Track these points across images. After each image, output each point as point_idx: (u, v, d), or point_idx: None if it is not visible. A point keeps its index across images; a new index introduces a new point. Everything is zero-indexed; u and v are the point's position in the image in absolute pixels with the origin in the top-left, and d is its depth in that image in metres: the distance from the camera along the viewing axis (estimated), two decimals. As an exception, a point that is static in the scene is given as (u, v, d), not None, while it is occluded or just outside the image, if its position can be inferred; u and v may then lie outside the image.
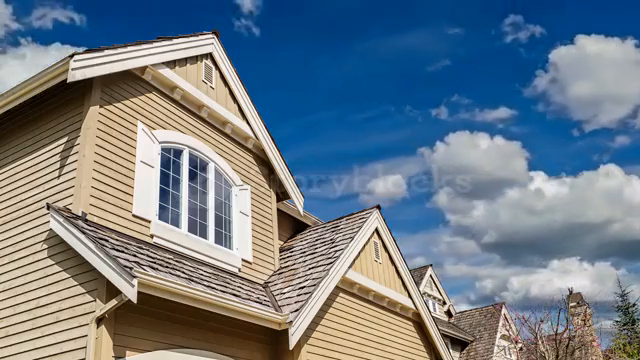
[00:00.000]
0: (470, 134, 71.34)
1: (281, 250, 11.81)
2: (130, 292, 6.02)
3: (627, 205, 66.26)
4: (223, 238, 9.70)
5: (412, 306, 12.65)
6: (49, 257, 7.13)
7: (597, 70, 69.59)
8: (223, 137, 10.40)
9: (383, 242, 12.31)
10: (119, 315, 6.43)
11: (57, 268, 6.97)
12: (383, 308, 11.78)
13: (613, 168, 70.68)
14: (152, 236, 8.13)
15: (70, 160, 7.64)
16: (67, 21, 68.49)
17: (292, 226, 12.87)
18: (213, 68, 10.54)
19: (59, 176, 7.66)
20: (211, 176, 9.81)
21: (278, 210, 11.78)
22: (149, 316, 6.86)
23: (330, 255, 10.35)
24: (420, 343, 12.85)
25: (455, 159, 67.38)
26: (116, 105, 8.24)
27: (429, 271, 29.81)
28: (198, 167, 9.60)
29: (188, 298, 6.95)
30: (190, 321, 7.45)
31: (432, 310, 28.54)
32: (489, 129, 72.53)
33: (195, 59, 10.11)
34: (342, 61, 59.67)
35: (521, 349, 24.21)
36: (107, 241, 6.80)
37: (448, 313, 30.91)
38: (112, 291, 6.26)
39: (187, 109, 9.66)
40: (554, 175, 77.17)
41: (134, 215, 7.94)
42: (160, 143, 8.79)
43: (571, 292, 25.19)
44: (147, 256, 7.30)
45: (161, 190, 8.60)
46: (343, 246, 10.57)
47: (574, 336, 21.87)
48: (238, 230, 10.01)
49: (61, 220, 6.84)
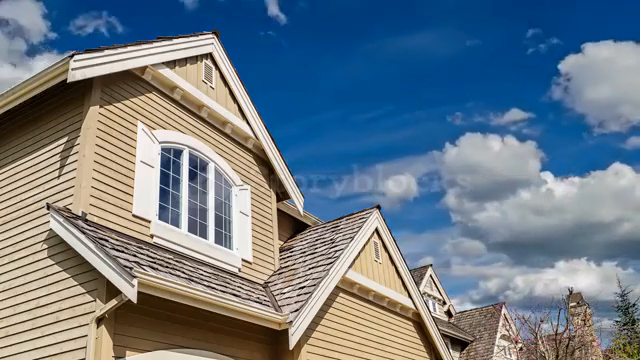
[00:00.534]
0: (479, 135, 71.54)
1: (281, 250, 11.81)
2: (130, 292, 6.02)
3: (638, 204, 66.05)
4: (223, 238, 9.70)
5: (412, 306, 12.65)
6: (49, 257, 7.13)
7: (611, 74, 69.52)
8: (223, 137, 10.40)
9: (383, 242, 12.31)
10: (119, 315, 6.44)
11: (57, 268, 6.97)
12: (383, 308, 11.77)
13: (623, 167, 70.79)
14: (152, 236, 8.13)
15: (70, 160, 7.64)
16: (107, 34, 68.53)
17: (292, 226, 12.87)
18: (213, 68, 10.54)
19: (59, 176, 7.66)
20: (211, 176, 9.81)
21: (278, 210, 11.78)
22: (149, 316, 6.86)
23: (330, 255, 10.35)
24: (420, 343, 12.85)
25: (465, 160, 67.50)
26: (116, 105, 8.24)
27: (429, 271, 29.81)
28: (198, 167, 9.59)
29: (188, 298, 6.95)
30: (190, 321, 7.45)
31: (432, 310, 28.54)
32: (500, 131, 72.68)
33: (195, 59, 10.11)
34: (347, 61, 59.66)
35: (521, 349, 24.20)
36: (107, 241, 6.80)
37: (448, 313, 30.91)
38: (112, 291, 6.27)
39: (187, 109, 9.66)
40: (564, 175, 77.44)
41: (134, 215, 7.94)
42: (160, 143, 8.79)
43: (571, 292, 25.16)
44: (147, 256, 7.30)
45: (161, 190, 8.60)
46: (343, 246, 10.57)
47: (574, 336, 21.87)
48: (238, 230, 10.01)
49: (61, 220, 6.84)
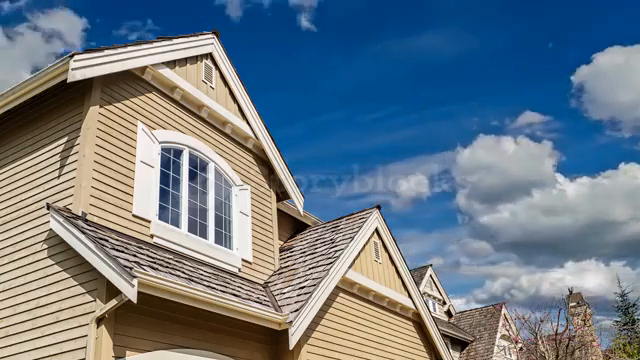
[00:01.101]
0: (492, 136, 71.50)
1: (281, 250, 11.81)
2: (130, 292, 6.02)
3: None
4: (223, 238, 9.70)
5: (412, 306, 12.65)
6: (49, 257, 7.13)
7: (628, 76, 69.35)
8: (223, 137, 10.40)
9: (383, 242, 12.31)
10: (119, 315, 6.43)
11: (57, 268, 6.97)
12: (383, 308, 11.77)
13: (634, 167, 70.73)
14: (152, 236, 8.13)
15: (70, 160, 7.64)
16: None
17: (292, 226, 12.87)
18: (213, 68, 10.54)
19: (59, 176, 7.66)
20: (211, 176, 9.81)
21: (278, 210, 11.78)
22: (149, 316, 6.86)
23: (330, 255, 10.35)
24: (420, 343, 12.85)
25: (475, 160, 67.35)
26: (116, 105, 8.24)
27: (429, 271, 29.81)
28: (198, 167, 9.59)
29: (188, 298, 6.95)
30: (190, 321, 7.45)
31: (432, 310, 28.54)
32: (512, 132, 72.58)
33: (195, 59, 10.11)
34: (353, 62, 59.53)
35: (521, 349, 24.21)
36: (107, 241, 6.80)
37: (448, 313, 30.91)
38: (112, 291, 6.27)
39: (187, 109, 9.66)
40: (577, 175, 77.33)
41: (134, 215, 7.94)
42: (160, 143, 8.79)
43: (571, 292, 25.18)
44: (147, 256, 7.30)
45: (161, 190, 8.59)
46: (343, 246, 10.57)
47: (574, 336, 21.88)
48: (238, 230, 10.01)
49: (61, 220, 6.84)
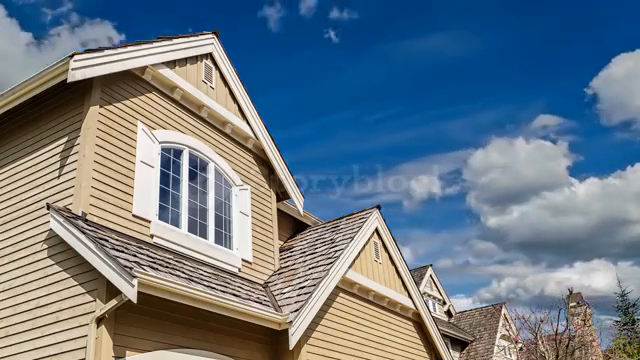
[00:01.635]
0: (505, 138, 71.36)
1: (281, 250, 11.81)
2: (130, 292, 6.02)
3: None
4: (223, 238, 9.70)
5: (412, 306, 12.65)
6: (49, 257, 7.13)
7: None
8: (223, 137, 10.40)
9: (383, 242, 12.31)
10: (119, 315, 6.43)
11: (57, 268, 6.97)
12: (383, 308, 11.77)
13: None
14: (152, 236, 8.13)
15: (70, 160, 7.64)
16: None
17: (292, 226, 12.87)
18: (213, 68, 10.54)
19: (59, 176, 7.66)
20: (211, 176, 9.81)
21: (278, 210, 11.78)
22: (149, 316, 6.86)
23: (330, 255, 10.35)
24: (420, 343, 12.85)
25: (486, 162, 67.24)
26: (116, 105, 8.24)
27: (429, 271, 29.80)
28: (198, 167, 9.59)
29: (188, 298, 6.95)
30: (190, 321, 7.45)
31: (432, 310, 28.54)
32: (527, 134, 72.49)
33: (195, 59, 10.11)
34: (359, 63, 59.45)
35: (521, 349, 24.21)
36: (107, 241, 6.80)
37: (448, 313, 30.91)
38: (112, 291, 6.27)
39: (187, 109, 9.66)
40: (587, 175, 77.32)
41: (134, 215, 7.94)
42: (160, 143, 8.79)
43: (571, 292, 25.17)
44: (147, 256, 7.30)
45: (161, 190, 8.59)
46: (343, 246, 10.57)
47: (574, 336, 21.88)
48: (238, 230, 10.01)
49: (61, 220, 6.84)
